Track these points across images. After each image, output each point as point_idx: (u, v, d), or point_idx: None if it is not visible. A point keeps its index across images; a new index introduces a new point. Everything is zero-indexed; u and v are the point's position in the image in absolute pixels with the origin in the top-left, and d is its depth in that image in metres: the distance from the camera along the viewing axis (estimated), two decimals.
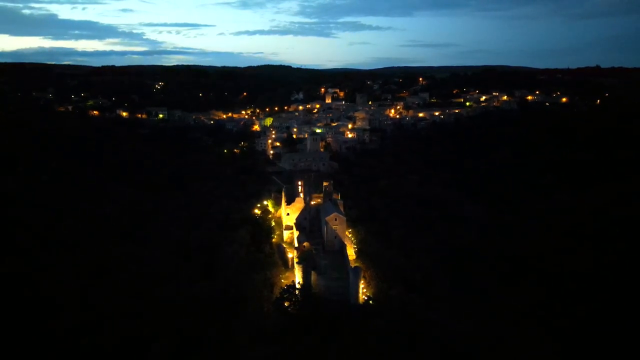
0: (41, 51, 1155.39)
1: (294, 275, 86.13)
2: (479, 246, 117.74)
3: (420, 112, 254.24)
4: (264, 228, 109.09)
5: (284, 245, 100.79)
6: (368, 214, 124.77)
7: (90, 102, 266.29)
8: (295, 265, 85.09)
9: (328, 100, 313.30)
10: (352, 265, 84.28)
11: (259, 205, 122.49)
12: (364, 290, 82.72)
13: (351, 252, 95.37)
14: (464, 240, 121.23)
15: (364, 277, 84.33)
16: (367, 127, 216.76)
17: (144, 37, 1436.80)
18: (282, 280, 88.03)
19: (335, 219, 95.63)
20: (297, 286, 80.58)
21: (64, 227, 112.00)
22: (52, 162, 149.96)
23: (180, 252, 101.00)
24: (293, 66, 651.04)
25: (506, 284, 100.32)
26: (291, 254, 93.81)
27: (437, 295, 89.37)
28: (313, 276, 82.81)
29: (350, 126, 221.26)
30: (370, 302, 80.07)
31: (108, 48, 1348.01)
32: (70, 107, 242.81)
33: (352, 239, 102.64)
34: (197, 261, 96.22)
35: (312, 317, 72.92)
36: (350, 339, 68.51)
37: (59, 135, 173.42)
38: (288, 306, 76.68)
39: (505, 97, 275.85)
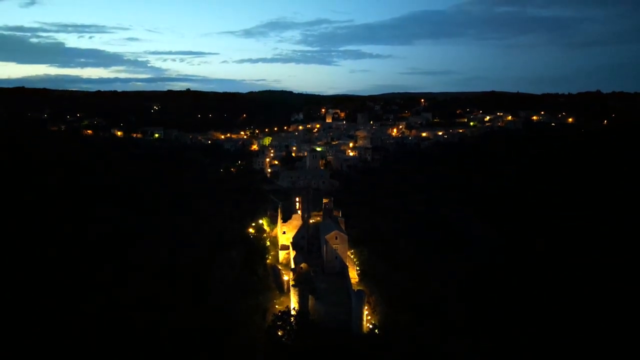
0: (47, 78, 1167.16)
1: (290, 300, 76.60)
2: (492, 269, 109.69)
3: (423, 131, 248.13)
4: (258, 248, 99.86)
5: (279, 267, 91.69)
6: (371, 234, 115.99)
7: (85, 122, 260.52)
8: (291, 289, 75.66)
9: (329, 120, 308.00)
10: (355, 288, 75.06)
11: (253, 224, 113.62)
12: (369, 317, 73.23)
13: (353, 275, 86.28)
14: (475, 263, 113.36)
15: (368, 302, 75.07)
16: (369, 146, 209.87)
17: (149, 65, 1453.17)
18: (277, 306, 78.44)
19: (336, 238, 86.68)
20: (293, 312, 70.97)
21: (43, 250, 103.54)
22: (37, 180, 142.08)
23: (165, 274, 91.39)
24: (294, 92, 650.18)
25: (524, 308, 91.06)
26: (287, 277, 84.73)
27: (450, 323, 79.59)
28: (311, 301, 73.35)
29: (351, 145, 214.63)
30: (376, 330, 70.57)
31: (113, 75, 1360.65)
32: (63, 127, 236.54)
33: (355, 260, 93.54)
34: (182, 284, 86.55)
35: (309, 348, 63.17)
36: None
37: (46, 154, 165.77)
38: (282, 335, 67.00)
39: (509, 117, 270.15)
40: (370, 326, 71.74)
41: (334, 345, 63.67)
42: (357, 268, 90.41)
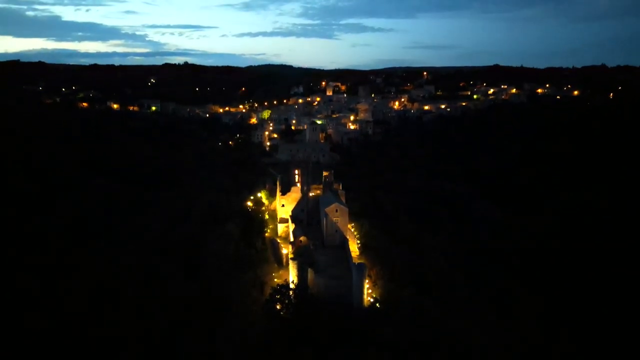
0: (44, 52, 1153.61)
1: (288, 274, 74.58)
2: (493, 244, 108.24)
3: (426, 104, 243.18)
4: (256, 221, 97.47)
5: (278, 240, 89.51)
6: (372, 208, 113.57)
7: (81, 95, 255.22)
8: (290, 262, 73.53)
9: (329, 93, 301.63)
10: (355, 262, 72.88)
11: (251, 197, 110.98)
12: (369, 290, 71.35)
13: (354, 248, 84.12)
14: (477, 238, 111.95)
15: (369, 275, 73.04)
16: (370, 119, 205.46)
17: (147, 39, 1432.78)
18: (275, 280, 76.48)
19: (336, 210, 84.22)
20: (292, 286, 68.86)
21: (35, 222, 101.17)
22: (30, 154, 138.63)
23: (160, 248, 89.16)
24: (294, 66, 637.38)
25: (524, 284, 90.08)
26: (286, 250, 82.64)
27: (452, 297, 77.87)
28: (310, 274, 71.34)
29: (352, 118, 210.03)
30: (377, 304, 68.60)
31: (111, 49, 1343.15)
32: (58, 99, 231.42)
33: (355, 233, 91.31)
34: (177, 258, 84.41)
35: (309, 322, 61.37)
36: (354, 350, 57.04)
37: (40, 126, 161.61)
38: (280, 309, 65.11)
39: (514, 90, 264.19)
40: (371, 300, 69.86)
41: (333, 319, 61.84)
42: (358, 241, 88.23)
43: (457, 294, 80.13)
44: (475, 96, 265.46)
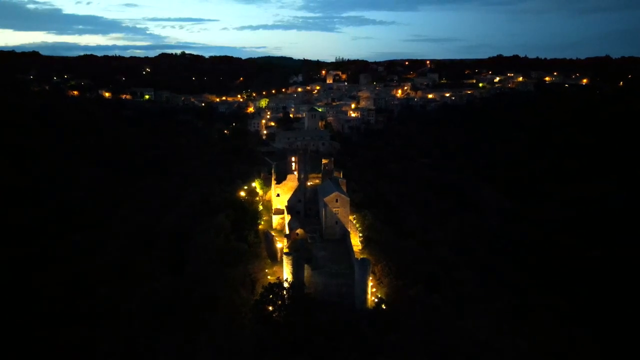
0: (44, 46, 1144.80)
1: (282, 271, 66.75)
2: (503, 237, 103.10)
3: (430, 93, 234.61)
4: (249, 213, 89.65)
5: (273, 233, 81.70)
6: (375, 199, 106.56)
7: (72, 83, 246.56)
8: (284, 257, 65.64)
9: (329, 81, 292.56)
10: (358, 257, 65.24)
11: (245, 187, 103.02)
12: (374, 289, 63.63)
13: (356, 242, 76.66)
14: (485, 229, 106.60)
15: (373, 272, 65.46)
16: (372, 107, 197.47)
17: (148, 32, 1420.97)
18: (268, 277, 68.81)
19: (337, 200, 76.39)
20: (286, 284, 61.02)
21: (16, 214, 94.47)
22: (16, 142, 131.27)
23: (144, 241, 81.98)
24: (294, 58, 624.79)
25: (535, 278, 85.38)
26: (281, 244, 74.78)
27: (464, 296, 70.66)
28: (307, 271, 63.72)
29: (353, 106, 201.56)
30: (383, 305, 60.89)
31: (111, 43, 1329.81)
32: (47, 87, 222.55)
33: (357, 225, 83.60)
34: (162, 252, 77.17)
35: (304, 326, 53.88)
36: (357, 358, 49.49)
37: (26, 114, 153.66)
38: (272, 311, 57.38)
39: (521, 78, 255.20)
40: (376, 300, 62.18)
41: (333, 322, 54.27)
42: (360, 234, 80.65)
43: (468, 291, 72.99)
44: (480, 84, 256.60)
